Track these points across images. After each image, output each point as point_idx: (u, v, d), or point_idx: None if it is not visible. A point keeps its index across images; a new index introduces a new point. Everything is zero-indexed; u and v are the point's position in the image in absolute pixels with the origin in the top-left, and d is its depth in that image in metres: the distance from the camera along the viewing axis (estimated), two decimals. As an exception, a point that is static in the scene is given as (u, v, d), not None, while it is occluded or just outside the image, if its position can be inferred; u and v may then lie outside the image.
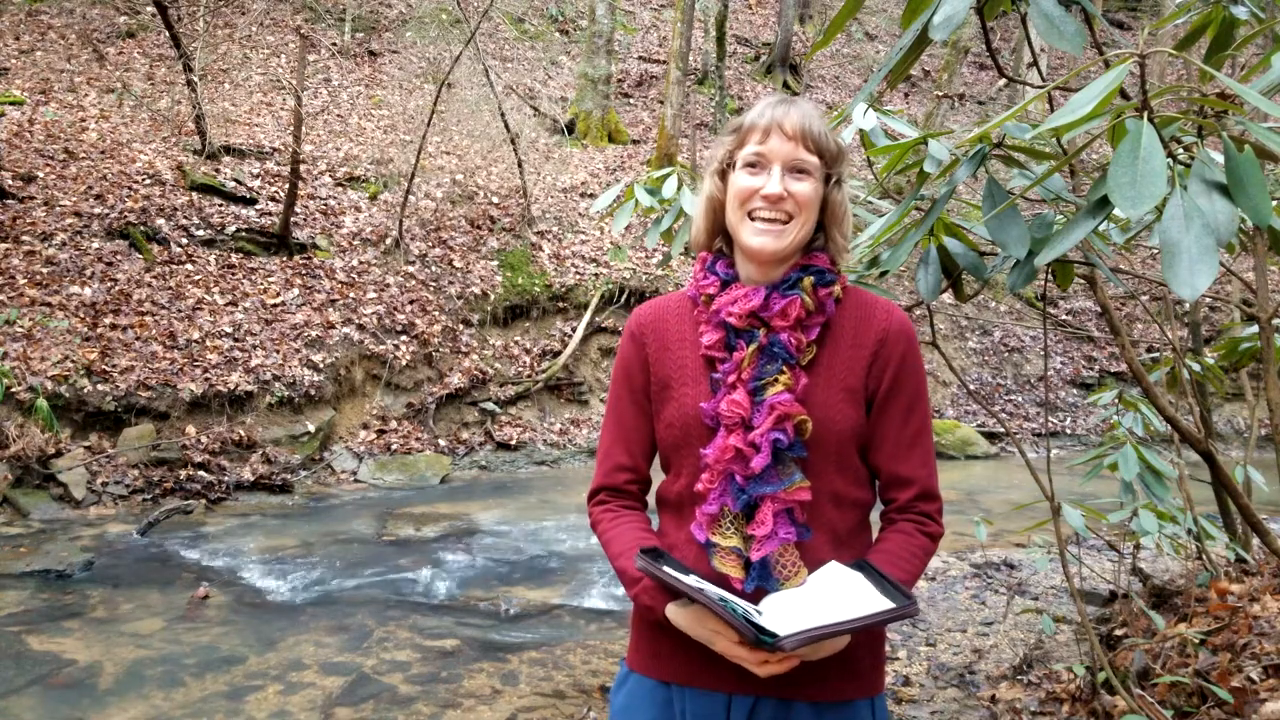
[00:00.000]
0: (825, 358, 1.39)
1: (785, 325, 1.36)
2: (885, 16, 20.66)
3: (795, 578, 1.33)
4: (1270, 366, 2.51)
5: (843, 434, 1.36)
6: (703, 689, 1.38)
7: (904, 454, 1.39)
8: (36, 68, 10.99)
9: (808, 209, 1.37)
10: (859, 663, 1.38)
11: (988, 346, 12.18)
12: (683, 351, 1.45)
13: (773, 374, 1.35)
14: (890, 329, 1.39)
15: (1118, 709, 2.60)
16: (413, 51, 14.55)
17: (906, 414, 1.39)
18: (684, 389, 1.43)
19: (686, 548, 1.41)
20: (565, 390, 9.70)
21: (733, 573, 1.34)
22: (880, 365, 1.38)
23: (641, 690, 1.45)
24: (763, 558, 1.33)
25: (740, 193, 1.38)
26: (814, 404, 1.36)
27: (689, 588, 1.22)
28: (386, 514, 6.65)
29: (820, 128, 1.38)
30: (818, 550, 1.36)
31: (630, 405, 1.50)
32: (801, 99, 1.44)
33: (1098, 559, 5.26)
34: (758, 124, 1.38)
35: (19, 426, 6.45)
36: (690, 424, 1.40)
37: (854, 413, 1.37)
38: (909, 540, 1.38)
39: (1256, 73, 1.58)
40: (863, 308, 1.42)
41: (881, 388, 1.39)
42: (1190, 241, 1.10)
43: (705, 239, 1.48)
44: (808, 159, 1.36)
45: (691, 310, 1.48)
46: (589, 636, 4.34)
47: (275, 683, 3.73)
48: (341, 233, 9.67)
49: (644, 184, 2.65)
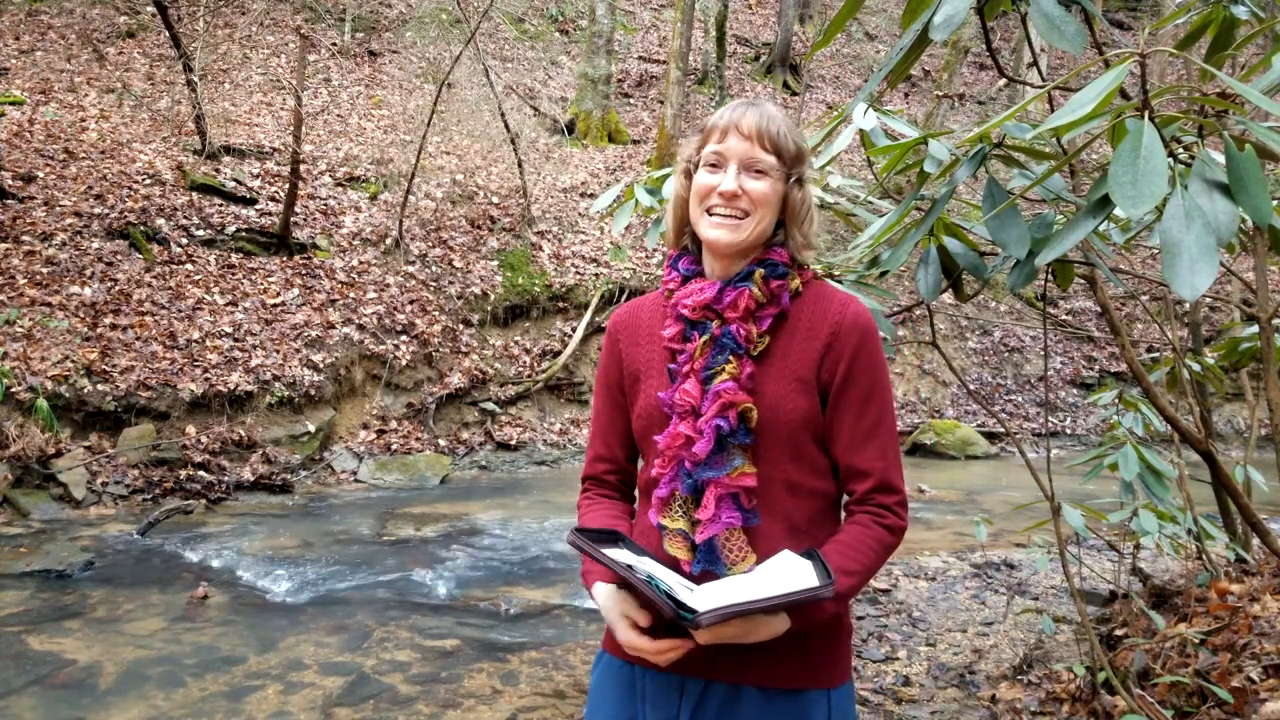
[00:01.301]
0: (778, 348, 1.43)
1: (736, 317, 1.41)
2: (885, 16, 20.66)
3: (743, 562, 1.37)
4: (1270, 366, 2.51)
5: (793, 422, 1.39)
6: (659, 671, 1.42)
7: (860, 446, 1.41)
8: (36, 68, 10.99)
9: (763, 206, 1.42)
10: (812, 652, 1.39)
11: (988, 346, 12.18)
12: (651, 346, 1.53)
13: (720, 363, 1.40)
14: (844, 321, 1.42)
15: (1118, 709, 2.60)
16: (413, 51, 14.55)
17: (862, 406, 1.41)
18: (650, 381, 1.50)
19: (650, 533, 1.46)
20: (565, 390, 9.70)
21: (680, 554, 1.39)
22: (834, 357, 1.41)
23: (611, 670, 1.51)
24: (708, 540, 1.38)
25: (699, 190, 1.45)
26: (764, 393, 1.40)
27: (615, 564, 1.25)
28: (386, 514, 6.65)
29: (778, 129, 1.42)
30: (773, 537, 1.39)
31: (606, 400, 1.59)
32: (766, 103, 1.48)
33: (1098, 559, 5.26)
34: (718, 125, 1.44)
35: (19, 426, 6.45)
36: (653, 413, 1.47)
37: (805, 402, 1.40)
38: (863, 531, 1.39)
39: (1257, 72, 1.58)
40: (820, 300, 1.46)
41: (835, 379, 1.41)
42: (1191, 241, 1.10)
43: (674, 236, 1.55)
44: (763, 158, 1.41)
45: (663, 306, 1.55)
46: (589, 636, 4.34)
47: (275, 683, 3.73)
48: (341, 233, 9.67)
49: (644, 184, 2.65)
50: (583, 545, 1.29)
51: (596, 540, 1.36)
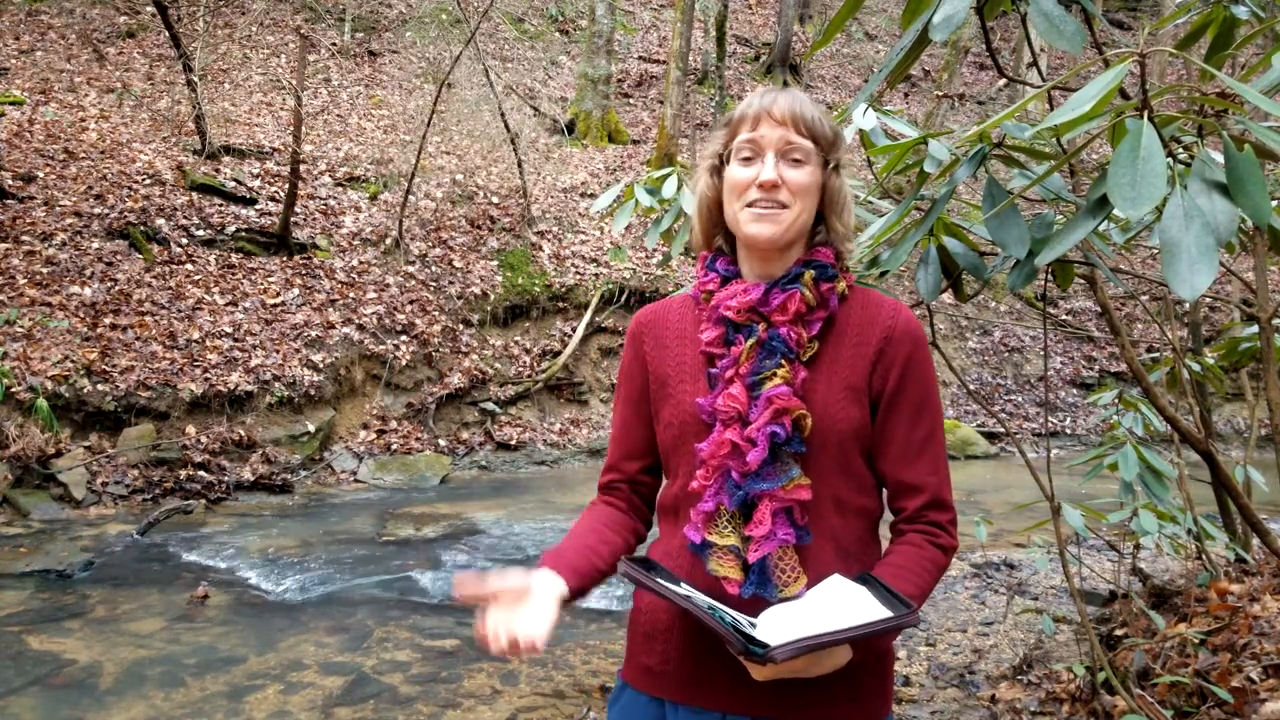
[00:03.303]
0: (827, 354, 1.34)
1: (784, 320, 1.32)
2: (885, 16, 20.66)
3: (794, 584, 1.27)
4: (1270, 366, 2.51)
5: (844, 433, 1.31)
6: (696, 707, 1.33)
7: (912, 459, 1.33)
8: (36, 68, 10.99)
9: (804, 195, 1.32)
10: (863, 684, 1.30)
11: (988, 346, 12.18)
12: (682, 350, 1.42)
13: (771, 368, 1.30)
14: (896, 327, 1.34)
15: (1118, 709, 2.60)
16: (413, 51, 14.55)
17: (914, 417, 1.33)
18: (682, 386, 1.39)
19: (681, 555, 1.36)
20: (565, 390, 9.70)
21: (730, 574, 1.28)
22: (885, 365, 1.33)
23: (635, 706, 1.40)
24: (761, 560, 1.27)
25: (735, 184, 1.34)
26: (814, 400, 1.30)
27: (677, 595, 1.18)
28: (386, 514, 6.65)
29: (812, 112, 1.33)
30: (821, 559, 1.30)
31: (625, 405, 1.49)
32: (793, 88, 1.40)
33: (1098, 559, 5.26)
34: (747, 114, 1.34)
35: (19, 426, 6.45)
36: (688, 421, 1.36)
37: (856, 411, 1.31)
38: (918, 552, 1.30)
39: (1257, 72, 1.58)
40: (869, 306, 1.37)
41: (887, 388, 1.33)
42: (1190, 241, 1.10)
43: (704, 238, 1.45)
44: (801, 143, 1.32)
45: (694, 309, 1.45)
46: (589, 636, 4.34)
47: (275, 683, 3.73)
48: (341, 233, 9.67)
49: (644, 184, 2.65)
50: (637, 576, 1.20)
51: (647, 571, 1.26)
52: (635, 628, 1.43)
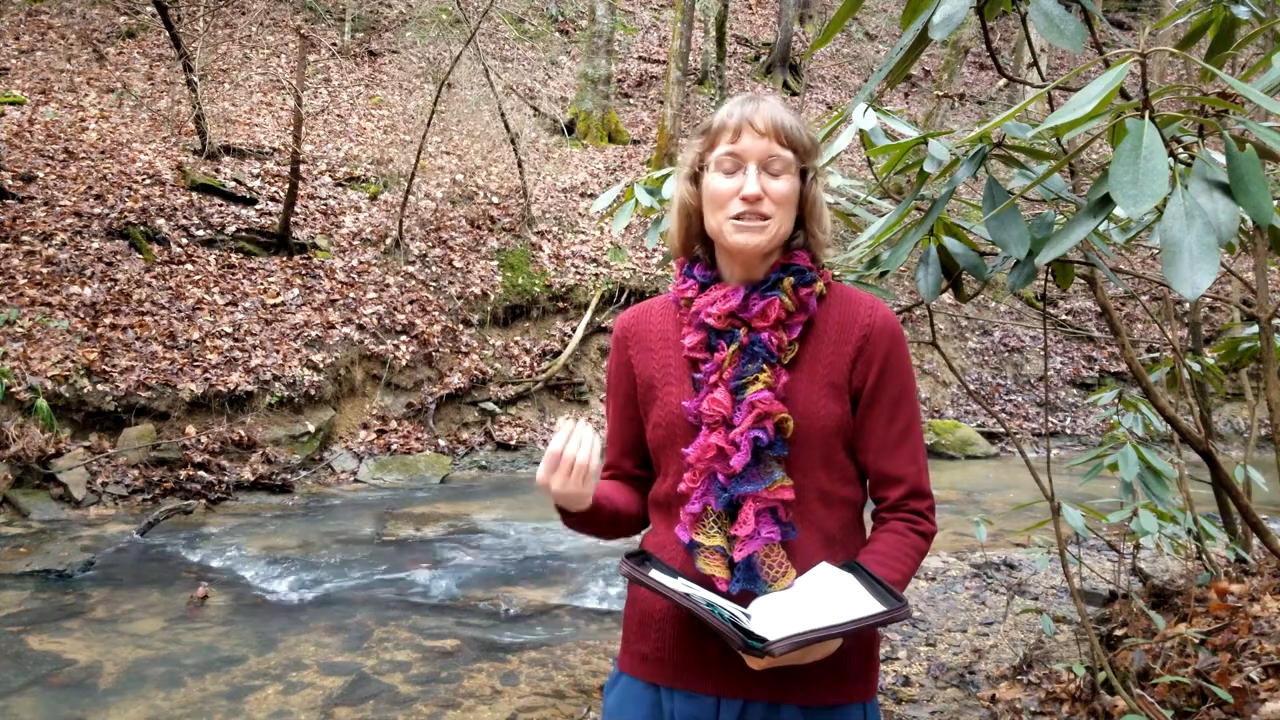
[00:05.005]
0: (808, 354, 1.38)
1: (765, 325, 1.35)
2: (885, 16, 20.66)
3: (783, 579, 1.32)
4: (1270, 366, 2.51)
5: (827, 429, 1.36)
6: (690, 691, 1.37)
7: (891, 451, 1.38)
8: (36, 68, 10.99)
9: (785, 205, 1.35)
10: (850, 666, 1.36)
11: (988, 346, 12.18)
12: (666, 352, 1.46)
13: (753, 373, 1.34)
14: (874, 325, 1.38)
15: (1118, 709, 2.60)
16: (413, 51, 14.55)
17: (893, 410, 1.38)
18: (668, 389, 1.43)
19: (675, 549, 1.41)
20: (565, 390, 9.70)
21: (717, 573, 1.33)
22: (865, 362, 1.37)
23: (631, 691, 1.44)
24: (747, 557, 1.32)
25: (718, 196, 1.36)
26: (797, 400, 1.35)
27: (675, 593, 1.22)
28: (386, 514, 6.65)
29: (792, 122, 1.36)
30: (808, 550, 1.35)
31: (615, 407, 1.54)
32: (769, 95, 1.41)
33: (1098, 559, 5.26)
34: (728, 124, 1.36)
35: (19, 426, 6.45)
36: (675, 423, 1.41)
37: (838, 408, 1.36)
38: (901, 540, 1.36)
39: (1257, 72, 1.58)
40: (847, 304, 1.41)
41: (867, 384, 1.37)
42: (1191, 240, 1.10)
43: (682, 246, 1.47)
44: (782, 154, 1.34)
45: (674, 312, 1.48)
46: (589, 636, 4.34)
47: (275, 683, 3.73)
48: (341, 233, 9.67)
49: (644, 184, 2.64)
50: (637, 576, 1.25)
51: (643, 563, 1.32)
52: (631, 617, 1.48)
